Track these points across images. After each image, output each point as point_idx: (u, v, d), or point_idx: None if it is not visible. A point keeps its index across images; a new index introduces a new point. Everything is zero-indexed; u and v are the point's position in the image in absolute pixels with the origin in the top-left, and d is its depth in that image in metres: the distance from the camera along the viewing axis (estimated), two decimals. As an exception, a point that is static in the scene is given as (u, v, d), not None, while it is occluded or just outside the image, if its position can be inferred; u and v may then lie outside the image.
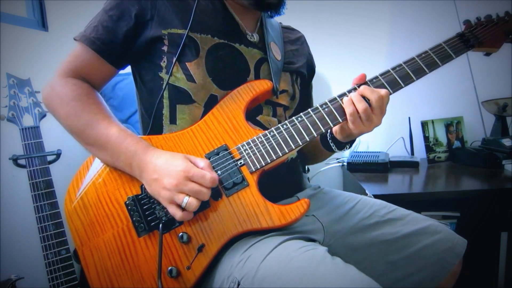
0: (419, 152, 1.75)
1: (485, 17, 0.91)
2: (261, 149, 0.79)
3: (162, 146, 0.82)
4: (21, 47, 1.39)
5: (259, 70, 0.90)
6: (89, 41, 0.83)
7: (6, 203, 1.28)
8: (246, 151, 0.79)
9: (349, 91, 0.81)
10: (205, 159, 0.78)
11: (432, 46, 0.86)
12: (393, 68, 0.83)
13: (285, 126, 0.80)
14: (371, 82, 0.82)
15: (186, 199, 0.71)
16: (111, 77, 0.90)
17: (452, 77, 1.75)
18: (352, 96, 0.79)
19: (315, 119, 0.80)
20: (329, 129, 0.82)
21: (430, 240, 0.88)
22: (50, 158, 1.07)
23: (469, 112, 1.80)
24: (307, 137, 0.79)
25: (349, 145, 0.93)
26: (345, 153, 1.74)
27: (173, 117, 0.86)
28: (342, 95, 0.82)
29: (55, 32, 1.57)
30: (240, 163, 0.79)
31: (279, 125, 0.81)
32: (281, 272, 0.65)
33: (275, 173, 0.82)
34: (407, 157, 1.72)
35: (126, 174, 0.80)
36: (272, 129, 0.81)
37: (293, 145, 0.79)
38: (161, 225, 0.75)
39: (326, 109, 0.81)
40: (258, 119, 0.89)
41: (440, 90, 1.81)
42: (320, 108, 0.81)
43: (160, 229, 0.75)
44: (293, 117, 0.81)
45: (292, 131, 0.80)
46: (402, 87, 0.82)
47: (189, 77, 0.83)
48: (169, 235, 0.76)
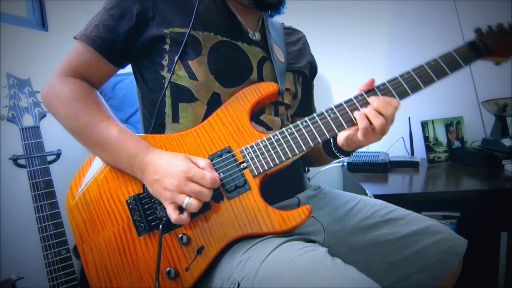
0: (419, 152, 1.75)
1: (496, 26, 0.89)
2: (265, 153, 0.79)
3: (165, 145, 0.81)
4: (21, 47, 1.39)
5: (261, 68, 0.89)
6: (90, 39, 0.82)
7: (6, 203, 1.28)
8: (249, 154, 0.79)
9: (356, 97, 0.80)
10: (206, 158, 0.78)
11: (442, 54, 0.83)
12: (401, 76, 0.81)
13: (289, 131, 0.79)
14: (378, 89, 0.80)
15: (187, 199, 0.71)
16: (110, 76, 0.89)
17: (452, 77, 1.71)
18: (367, 112, 0.77)
19: (320, 124, 0.79)
20: (334, 136, 0.81)
21: (430, 240, 0.88)
22: (50, 158, 1.06)
23: (469, 112, 1.79)
24: (311, 142, 0.78)
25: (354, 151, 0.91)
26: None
27: (175, 115, 0.86)
28: (349, 101, 0.80)
29: (55, 32, 1.57)
30: (243, 166, 0.79)
31: (283, 129, 0.80)
32: (281, 273, 0.65)
33: (277, 174, 0.82)
34: (407, 157, 1.72)
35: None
36: (276, 132, 0.80)
37: (297, 150, 0.78)
38: (161, 225, 0.75)
39: (332, 115, 0.79)
40: (262, 118, 0.88)
41: (440, 90, 1.78)
42: (325, 114, 0.80)
43: (160, 229, 0.75)
44: (298, 122, 0.80)
45: (297, 136, 0.79)
46: (409, 95, 0.80)
47: (192, 75, 0.83)
48: (169, 236, 0.76)
